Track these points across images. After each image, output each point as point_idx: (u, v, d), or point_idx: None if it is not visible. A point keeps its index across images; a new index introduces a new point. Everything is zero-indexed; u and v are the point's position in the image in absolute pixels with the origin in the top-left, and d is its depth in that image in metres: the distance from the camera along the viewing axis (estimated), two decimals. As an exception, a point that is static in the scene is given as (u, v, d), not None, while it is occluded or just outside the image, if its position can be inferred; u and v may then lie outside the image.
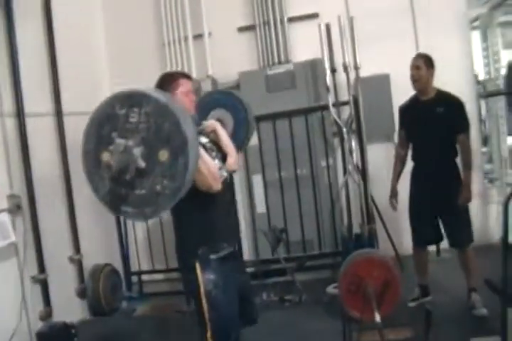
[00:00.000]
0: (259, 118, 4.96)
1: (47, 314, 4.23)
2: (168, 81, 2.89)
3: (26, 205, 4.18)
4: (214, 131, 3.00)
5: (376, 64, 4.90)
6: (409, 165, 4.13)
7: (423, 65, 3.86)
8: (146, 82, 3.40)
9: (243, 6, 5.51)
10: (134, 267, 5.40)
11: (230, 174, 2.95)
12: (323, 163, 5.04)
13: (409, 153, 4.13)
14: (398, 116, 4.18)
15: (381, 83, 5.01)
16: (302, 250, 5.09)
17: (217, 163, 2.76)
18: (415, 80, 3.88)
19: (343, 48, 4.41)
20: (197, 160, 2.21)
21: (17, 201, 4.06)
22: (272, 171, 5.14)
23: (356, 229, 4.53)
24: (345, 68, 4.46)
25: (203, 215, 2.75)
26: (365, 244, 4.29)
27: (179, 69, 5.46)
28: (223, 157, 2.89)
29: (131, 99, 2.15)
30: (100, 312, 4.68)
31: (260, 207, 5.22)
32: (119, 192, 2.17)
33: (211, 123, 3.05)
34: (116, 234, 5.28)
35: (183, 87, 2.87)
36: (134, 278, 5.42)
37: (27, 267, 4.10)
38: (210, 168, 2.59)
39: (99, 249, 5.13)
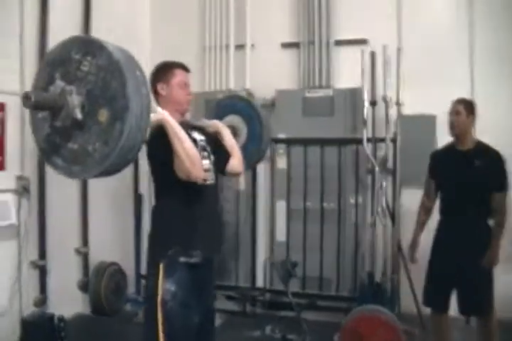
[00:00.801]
0: (291, 141, 4.86)
1: (41, 301, 4.19)
2: (163, 70, 2.75)
3: (35, 188, 4.16)
4: (217, 132, 2.89)
5: (422, 102, 4.57)
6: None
7: (463, 110, 3.54)
8: None
9: (289, 22, 5.25)
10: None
11: (216, 181, 2.77)
12: (352, 200, 4.73)
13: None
14: (429, 163, 3.81)
15: (426, 124, 4.65)
16: (318, 288, 4.79)
17: (206, 163, 2.63)
18: (453, 127, 3.56)
19: (385, 80, 4.15)
20: (138, 131, 1.99)
21: (25, 183, 4.05)
22: (297, 199, 4.88)
23: (378, 277, 4.26)
24: (386, 102, 4.21)
25: (183, 212, 2.59)
26: (385, 296, 4.06)
27: (217, 78, 5.32)
28: (219, 160, 2.79)
29: (87, 46, 2.05)
30: (100, 310, 4.65)
31: (280, 236, 4.97)
32: (54, 140, 2.10)
33: (214, 122, 2.94)
34: (133, 234, 5.13)
35: (179, 77, 2.73)
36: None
37: (27, 251, 4.09)
38: (188, 152, 2.43)
39: (110, 245, 5.05)
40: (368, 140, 4.37)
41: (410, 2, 4.90)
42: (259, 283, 4.97)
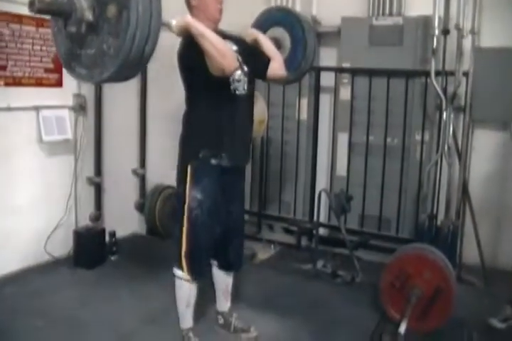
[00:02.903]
0: (355, 71, 4.75)
1: (96, 217, 4.48)
2: None
3: (92, 105, 4.35)
4: (255, 40, 2.98)
5: (503, 33, 4.22)
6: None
7: None
8: (249, 14, 3.54)
9: None
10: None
11: (251, 87, 2.87)
12: (418, 137, 4.56)
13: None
14: None
15: (506, 58, 4.13)
16: (377, 227, 4.77)
17: (237, 73, 2.69)
18: None
19: (459, 6, 3.91)
20: (148, 18, 2.03)
21: (82, 101, 4.25)
22: (360, 133, 4.79)
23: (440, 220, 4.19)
24: (459, 30, 3.97)
25: (212, 118, 2.76)
26: (445, 241, 3.98)
27: (283, 4, 5.12)
28: (259, 65, 2.91)
29: None
30: (154, 231, 4.97)
31: (341, 170, 4.94)
32: (72, 50, 2.21)
33: (252, 31, 3.04)
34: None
35: None
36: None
37: (83, 167, 4.37)
38: (216, 46, 2.50)
39: (167, 169, 5.09)
40: (438, 73, 4.16)
41: None
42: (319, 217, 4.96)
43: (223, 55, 2.51)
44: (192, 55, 2.60)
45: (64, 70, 3.86)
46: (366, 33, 4.69)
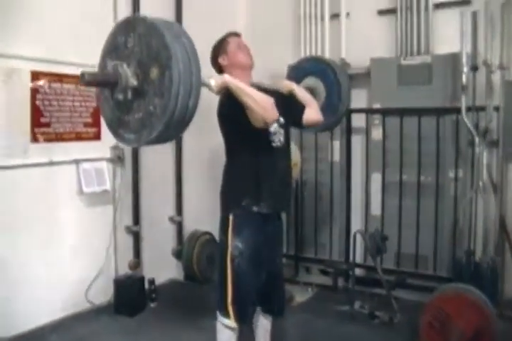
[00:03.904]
0: (386, 112, 4.87)
1: (135, 265, 4.59)
2: (217, 45, 3.09)
3: (129, 157, 4.55)
4: (290, 90, 3.18)
5: None
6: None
7: None
8: (279, 54, 4.23)
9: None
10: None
11: (287, 138, 3.05)
12: (452, 174, 4.63)
13: None
14: None
15: None
16: (414, 265, 4.80)
17: (274, 125, 2.89)
18: None
19: (486, 42, 4.03)
20: (190, 76, 2.20)
21: (120, 152, 4.44)
22: (393, 172, 4.87)
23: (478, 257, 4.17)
24: (487, 66, 4.08)
25: (252, 169, 2.92)
26: (484, 278, 3.95)
27: (313, 48, 5.38)
28: (295, 113, 3.11)
29: (127, 26, 2.35)
30: (192, 277, 5.08)
31: (375, 209, 5.01)
32: (119, 116, 2.39)
33: (286, 83, 3.26)
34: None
35: (232, 42, 3.05)
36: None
37: (122, 217, 4.54)
38: (255, 98, 2.67)
39: (203, 215, 5.32)
40: (469, 109, 4.24)
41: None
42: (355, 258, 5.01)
43: (264, 107, 2.67)
44: (232, 111, 2.78)
45: (102, 123, 4.15)
46: (395, 73, 4.83)
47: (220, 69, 3.05)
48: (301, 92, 3.21)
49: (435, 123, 4.63)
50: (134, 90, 2.25)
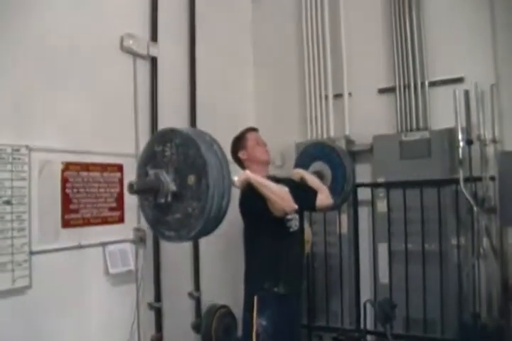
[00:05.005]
0: (390, 185, 5.19)
1: (157, 339, 4.76)
2: (236, 140, 3.52)
3: (150, 238, 4.76)
4: (301, 177, 3.60)
5: None
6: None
7: None
8: (286, 132, 4.91)
9: (385, 68, 5.59)
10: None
11: (302, 221, 3.42)
12: (454, 241, 4.93)
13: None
14: None
15: None
16: (422, 330, 5.02)
17: None
18: None
19: (478, 118, 4.42)
20: (222, 179, 2.51)
21: (142, 234, 4.65)
22: (398, 241, 5.17)
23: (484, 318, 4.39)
24: (480, 140, 4.48)
25: (272, 254, 3.26)
26: (491, 340, 4.18)
27: (318, 127, 5.83)
28: (308, 199, 3.45)
29: (164, 137, 2.67)
30: None
31: (383, 277, 5.28)
32: (160, 217, 2.67)
33: (297, 171, 3.70)
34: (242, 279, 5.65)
35: (251, 139, 3.47)
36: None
37: (144, 294, 4.72)
38: (275, 191, 3.09)
39: (220, 289, 5.62)
40: (467, 179, 4.60)
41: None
42: (366, 325, 5.25)
43: (282, 199, 3.07)
44: (254, 202, 3.16)
45: (125, 207, 4.46)
46: (397, 148, 5.22)
47: (239, 162, 3.45)
48: (311, 179, 3.62)
49: (436, 194, 4.95)
50: (173, 194, 2.56)
